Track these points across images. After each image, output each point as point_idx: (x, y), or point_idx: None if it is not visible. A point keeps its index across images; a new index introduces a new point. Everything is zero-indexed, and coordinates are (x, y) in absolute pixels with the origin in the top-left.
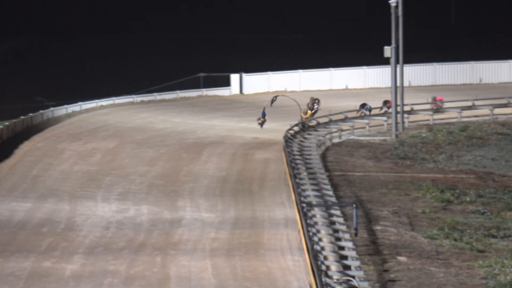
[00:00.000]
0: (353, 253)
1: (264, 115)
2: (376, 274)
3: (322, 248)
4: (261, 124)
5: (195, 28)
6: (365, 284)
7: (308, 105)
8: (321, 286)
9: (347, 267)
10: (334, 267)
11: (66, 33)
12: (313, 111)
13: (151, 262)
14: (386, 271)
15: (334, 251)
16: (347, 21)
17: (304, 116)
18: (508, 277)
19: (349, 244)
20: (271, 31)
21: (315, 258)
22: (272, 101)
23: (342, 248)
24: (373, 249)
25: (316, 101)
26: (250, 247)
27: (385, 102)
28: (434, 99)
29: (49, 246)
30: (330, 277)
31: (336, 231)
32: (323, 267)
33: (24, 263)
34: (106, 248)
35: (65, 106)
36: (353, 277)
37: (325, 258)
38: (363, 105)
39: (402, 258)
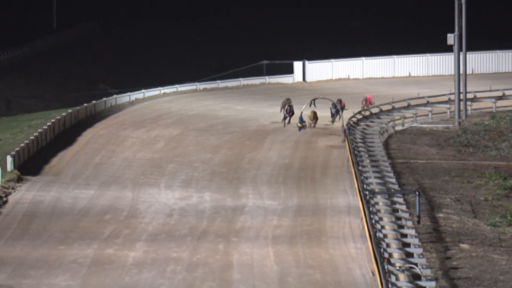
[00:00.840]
0: (415, 241)
1: (301, 120)
2: (438, 261)
3: (385, 236)
4: (300, 128)
5: (258, 16)
6: (428, 271)
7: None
8: (383, 273)
9: (410, 255)
10: (396, 255)
11: (130, 19)
12: (289, 113)
13: (213, 249)
14: (448, 258)
15: (396, 239)
16: (410, 8)
17: (310, 121)
18: None
19: (412, 232)
20: (334, 18)
21: (377, 246)
22: (311, 103)
23: (404, 235)
24: (435, 237)
25: (289, 101)
26: (313, 235)
27: (339, 101)
28: (365, 99)
29: (111, 233)
30: (392, 265)
31: (398, 218)
32: (386, 255)
33: (87, 250)
34: (169, 235)
35: (128, 93)
36: (416, 264)
37: (388, 245)
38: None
39: (464, 246)
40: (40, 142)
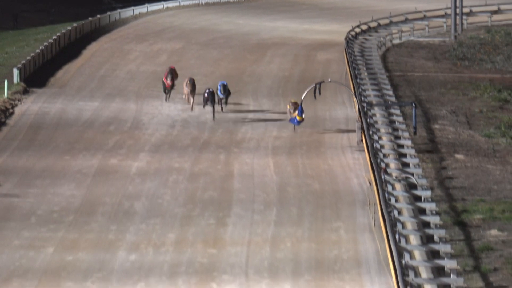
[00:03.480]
0: (411, 151)
1: (301, 111)
2: (434, 171)
3: (382, 146)
4: (298, 123)
5: None
6: (423, 181)
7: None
8: (380, 183)
9: (406, 165)
10: (393, 165)
11: None
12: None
13: (215, 159)
14: (443, 168)
15: (393, 149)
16: None
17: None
18: None
19: (408, 143)
20: None
21: (374, 156)
22: (315, 90)
23: (401, 146)
24: (431, 147)
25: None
26: (312, 146)
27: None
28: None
29: (115, 144)
30: (389, 174)
31: (395, 129)
32: (383, 165)
33: (92, 161)
34: (171, 146)
35: (132, 7)
36: (412, 174)
37: (385, 156)
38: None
39: (459, 156)
40: (46, 55)
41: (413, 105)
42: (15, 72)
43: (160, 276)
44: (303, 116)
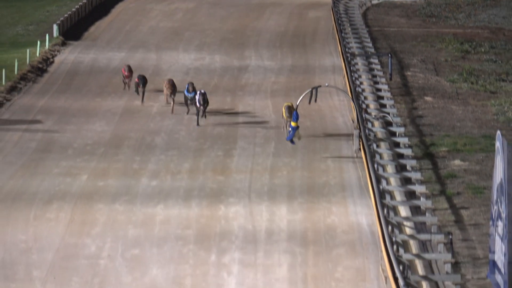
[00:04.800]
0: (388, 94)
1: (296, 117)
2: (406, 111)
3: (363, 90)
4: (294, 130)
5: None
6: (398, 119)
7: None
8: (361, 121)
9: (383, 106)
10: (372, 106)
11: None
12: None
13: (222, 101)
14: (415, 108)
15: (372, 93)
16: None
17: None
18: None
19: (385, 87)
20: None
21: (357, 98)
22: (311, 95)
23: (379, 90)
24: (404, 91)
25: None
26: (304, 89)
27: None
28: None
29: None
30: (369, 114)
31: (374, 76)
32: (364, 106)
33: (119, 102)
34: None
35: None
36: (388, 113)
37: (365, 98)
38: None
39: (428, 98)
40: (81, 13)
41: (389, 55)
42: (55, 27)
43: (177, 199)
44: (298, 123)
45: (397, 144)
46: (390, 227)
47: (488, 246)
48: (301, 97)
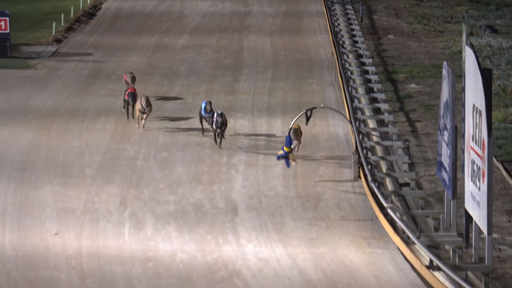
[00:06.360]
0: (359, 33)
1: (289, 142)
2: (374, 46)
3: (340, 30)
4: (286, 154)
5: None
6: (367, 52)
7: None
8: (339, 53)
9: (356, 42)
10: (347, 42)
11: None
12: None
13: (231, 38)
14: (380, 44)
15: (347, 32)
16: None
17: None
18: (457, 48)
19: (357, 27)
20: None
21: (335, 36)
22: (306, 116)
23: (352, 30)
24: (372, 31)
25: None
26: (295, 29)
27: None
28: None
29: (167, 29)
30: (344, 48)
31: (349, 19)
32: (340, 42)
33: (151, 39)
34: (204, 29)
35: None
36: (359, 48)
37: (342, 36)
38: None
39: (390, 36)
40: None
41: (360, 2)
42: None
43: (196, 114)
44: (292, 147)
45: (366, 72)
46: (361, 136)
47: (437, 150)
48: (296, 118)
